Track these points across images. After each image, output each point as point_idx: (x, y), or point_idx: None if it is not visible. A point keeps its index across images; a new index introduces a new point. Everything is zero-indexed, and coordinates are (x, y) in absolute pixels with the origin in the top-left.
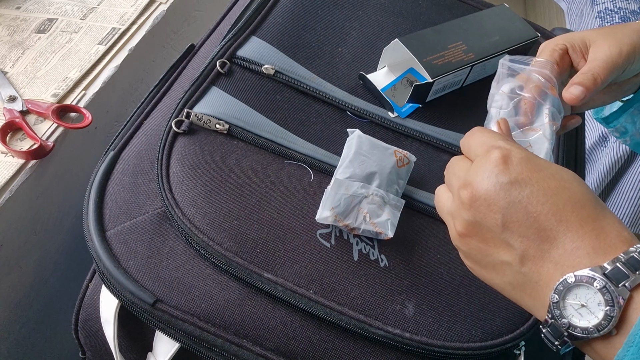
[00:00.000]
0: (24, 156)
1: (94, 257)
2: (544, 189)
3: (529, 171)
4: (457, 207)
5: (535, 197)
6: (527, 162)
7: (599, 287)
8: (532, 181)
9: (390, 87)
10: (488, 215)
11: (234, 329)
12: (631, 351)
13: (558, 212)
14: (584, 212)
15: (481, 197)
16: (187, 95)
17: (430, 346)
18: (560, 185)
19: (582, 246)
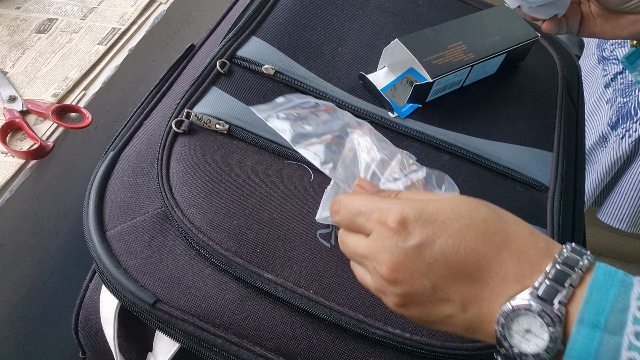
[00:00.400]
0: (24, 156)
1: (94, 257)
2: (451, 236)
3: (428, 225)
4: (382, 285)
5: (447, 247)
6: (421, 216)
7: (537, 311)
8: (436, 235)
9: (390, 87)
10: (415, 283)
11: (234, 329)
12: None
13: (473, 252)
14: (495, 240)
15: (399, 270)
16: (187, 95)
17: (430, 346)
18: (462, 224)
19: (508, 274)
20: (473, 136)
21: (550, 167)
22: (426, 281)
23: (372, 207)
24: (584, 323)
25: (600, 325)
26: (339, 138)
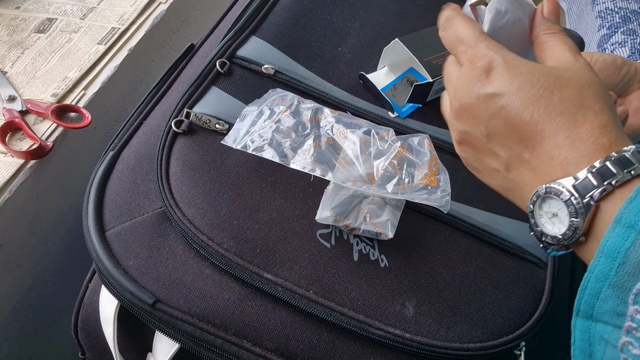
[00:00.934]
0: (24, 156)
1: (94, 257)
2: (522, 99)
3: (509, 81)
4: (452, 117)
5: (512, 108)
6: (508, 71)
7: (565, 200)
8: (510, 92)
9: (391, 87)
10: (474, 127)
11: (234, 330)
12: (602, 261)
13: (534, 122)
14: (561, 120)
15: (467, 109)
16: (187, 95)
17: (431, 347)
18: (538, 95)
19: (556, 156)
20: None
21: None
22: (483, 128)
23: (473, 42)
24: (621, 222)
25: (637, 227)
26: (318, 138)
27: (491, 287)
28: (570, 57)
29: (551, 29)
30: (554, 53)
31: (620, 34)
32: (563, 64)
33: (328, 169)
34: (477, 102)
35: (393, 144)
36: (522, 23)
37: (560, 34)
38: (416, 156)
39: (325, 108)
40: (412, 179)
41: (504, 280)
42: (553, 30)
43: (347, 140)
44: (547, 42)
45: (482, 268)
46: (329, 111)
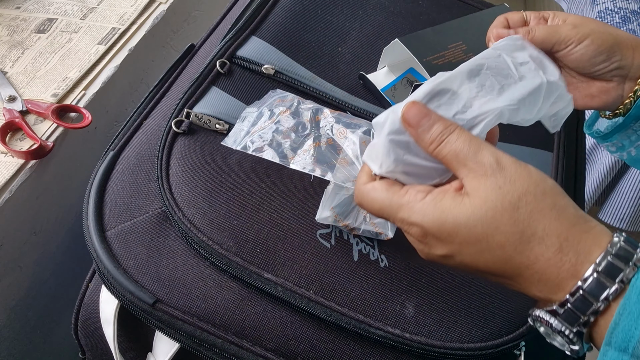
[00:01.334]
0: (24, 156)
1: (94, 257)
2: (469, 255)
3: (447, 244)
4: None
5: (467, 261)
6: (439, 235)
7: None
8: (455, 252)
9: (391, 87)
10: (445, 265)
11: (234, 330)
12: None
13: (492, 269)
14: (513, 263)
15: (429, 259)
16: (187, 95)
17: (431, 347)
18: (478, 249)
19: (530, 288)
20: None
21: (550, 168)
22: (462, 269)
23: (392, 214)
24: (612, 346)
25: (628, 350)
26: (318, 139)
27: (491, 287)
28: (477, 174)
29: (434, 140)
30: (460, 173)
31: None
32: (477, 191)
33: (328, 169)
34: (437, 259)
35: None
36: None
37: (447, 143)
38: None
39: (325, 108)
40: None
41: None
42: (437, 141)
43: (346, 140)
44: (443, 158)
45: None
46: (328, 111)
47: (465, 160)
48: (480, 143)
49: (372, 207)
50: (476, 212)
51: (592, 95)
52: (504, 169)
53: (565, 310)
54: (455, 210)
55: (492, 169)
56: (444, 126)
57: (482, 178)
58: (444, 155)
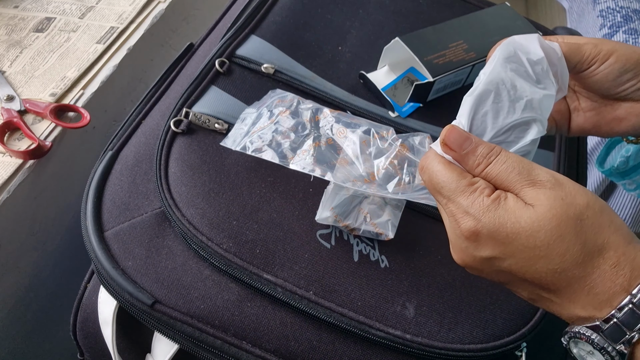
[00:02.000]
0: (22, 156)
1: (92, 257)
2: (521, 260)
3: (500, 245)
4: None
5: (516, 268)
6: (494, 235)
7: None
8: (506, 255)
9: (391, 86)
10: (483, 274)
11: (233, 330)
12: None
13: (541, 278)
14: (567, 274)
15: (468, 264)
16: (186, 95)
17: (431, 348)
18: (535, 254)
19: (577, 301)
20: None
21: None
22: (493, 277)
23: (451, 195)
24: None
25: None
26: (318, 139)
27: (492, 287)
28: (537, 188)
29: (480, 162)
30: (516, 189)
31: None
32: (541, 202)
33: (328, 169)
34: (475, 261)
35: (393, 143)
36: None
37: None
38: (417, 155)
39: (324, 108)
40: (413, 178)
41: None
42: (485, 163)
43: (346, 140)
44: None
45: None
46: (328, 111)
47: (520, 176)
48: (531, 162)
49: (434, 179)
50: (541, 218)
51: (620, 118)
52: (563, 184)
53: (610, 326)
54: (518, 213)
55: (552, 183)
56: (489, 148)
57: (543, 190)
58: (495, 175)
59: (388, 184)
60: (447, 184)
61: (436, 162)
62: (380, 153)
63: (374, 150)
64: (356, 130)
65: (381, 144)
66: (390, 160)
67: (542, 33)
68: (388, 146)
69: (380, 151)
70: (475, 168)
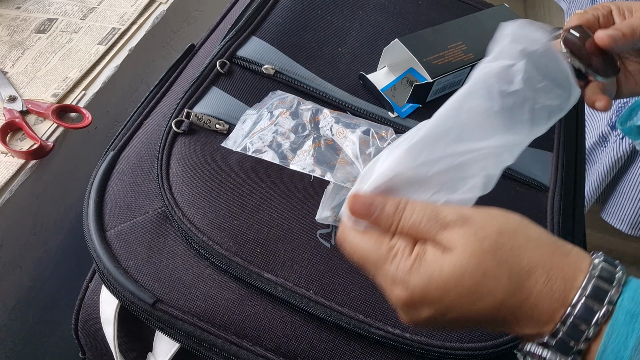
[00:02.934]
0: (24, 156)
1: (94, 257)
2: (458, 313)
3: (434, 306)
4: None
5: (457, 318)
6: (425, 299)
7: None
8: (444, 312)
9: (391, 87)
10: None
11: (234, 329)
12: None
13: (483, 320)
14: (502, 310)
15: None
16: (187, 95)
17: (431, 346)
18: (467, 305)
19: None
20: None
21: (550, 167)
22: (449, 327)
23: (376, 268)
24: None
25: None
26: (318, 139)
27: None
28: (448, 231)
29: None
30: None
31: None
32: (455, 242)
33: (328, 169)
34: (423, 322)
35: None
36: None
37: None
38: None
39: (324, 108)
40: None
41: None
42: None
43: (346, 140)
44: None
45: None
46: (328, 112)
47: (430, 223)
48: (435, 206)
49: (355, 253)
50: (460, 261)
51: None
52: (471, 218)
53: (557, 341)
54: (439, 262)
55: (461, 221)
56: (395, 206)
57: (455, 230)
58: (408, 228)
59: None
60: (368, 256)
61: (352, 235)
62: (379, 153)
63: (373, 150)
64: (356, 130)
65: (380, 144)
66: None
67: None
68: (387, 146)
69: (379, 151)
70: (390, 227)
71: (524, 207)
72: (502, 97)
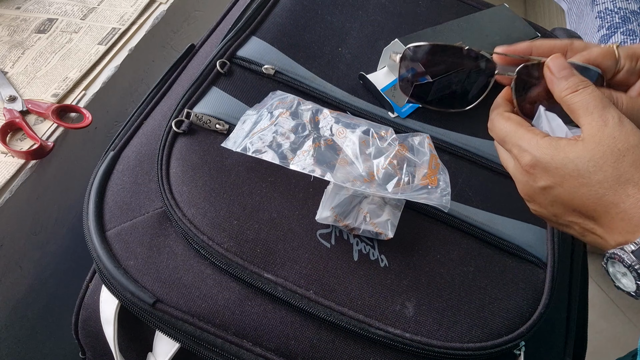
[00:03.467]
0: (24, 156)
1: (94, 257)
2: (567, 188)
3: (551, 176)
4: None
5: (565, 195)
6: (546, 166)
7: (627, 265)
8: (556, 184)
9: (390, 87)
10: (541, 209)
11: (234, 329)
12: None
13: (584, 204)
14: (604, 200)
15: (529, 198)
16: (187, 96)
17: (431, 346)
18: (578, 183)
19: (614, 227)
20: (473, 136)
21: None
22: (550, 210)
23: (513, 141)
24: None
25: None
26: (318, 139)
27: (491, 286)
28: (598, 123)
29: (570, 87)
30: (583, 120)
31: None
32: (593, 136)
33: (328, 169)
34: (534, 192)
35: (393, 143)
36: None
37: (581, 93)
38: (416, 156)
39: (324, 109)
40: (412, 178)
41: (504, 280)
42: (572, 88)
43: (346, 140)
44: (572, 104)
45: (482, 268)
46: (328, 112)
47: (593, 110)
48: (608, 102)
49: (499, 132)
50: (586, 151)
51: None
52: (624, 125)
53: (639, 247)
54: (567, 148)
55: (614, 122)
56: (581, 79)
57: (602, 127)
58: (575, 102)
59: (387, 184)
60: (510, 132)
61: (501, 117)
62: (379, 153)
63: (373, 150)
64: (355, 130)
65: (380, 144)
66: (389, 160)
67: (541, 34)
68: (387, 146)
69: (379, 151)
70: (563, 91)
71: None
72: None
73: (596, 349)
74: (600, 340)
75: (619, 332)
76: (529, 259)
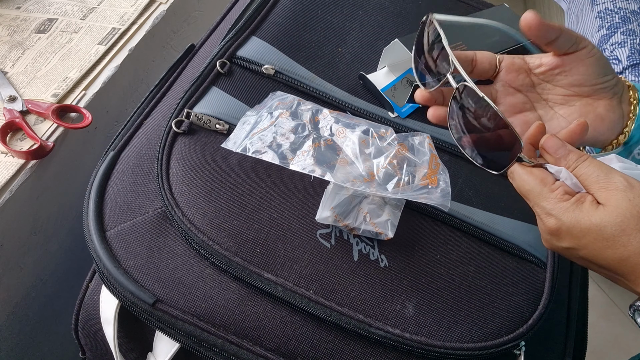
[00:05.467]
0: (24, 156)
1: (94, 257)
2: (591, 251)
3: (575, 240)
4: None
5: (590, 257)
6: (571, 232)
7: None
8: (580, 247)
9: (390, 87)
10: (569, 257)
11: (234, 329)
12: None
13: (609, 265)
14: (629, 263)
15: (555, 249)
16: (187, 96)
17: (431, 346)
18: (602, 246)
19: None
20: None
21: None
22: (576, 261)
23: (537, 201)
24: None
25: None
26: (317, 139)
27: (491, 286)
28: (610, 188)
29: (570, 166)
30: (593, 188)
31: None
32: (609, 199)
33: (327, 169)
34: (559, 249)
35: (392, 143)
36: None
37: (582, 167)
38: (416, 155)
39: (324, 109)
40: (412, 178)
41: (504, 280)
42: (572, 167)
43: (346, 140)
44: (579, 177)
45: (482, 268)
46: (327, 112)
47: (598, 179)
48: (610, 168)
49: (522, 187)
50: (608, 216)
51: (602, 117)
52: (634, 187)
53: None
54: (590, 213)
55: (624, 186)
56: (578, 155)
57: (615, 192)
58: (581, 174)
59: (388, 184)
60: (532, 191)
61: (523, 172)
62: (379, 152)
63: (373, 150)
64: (355, 130)
65: (380, 144)
66: (389, 159)
67: None
68: (387, 146)
69: (379, 151)
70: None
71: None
72: None
73: (596, 349)
74: (600, 340)
75: (619, 332)
76: (529, 259)
